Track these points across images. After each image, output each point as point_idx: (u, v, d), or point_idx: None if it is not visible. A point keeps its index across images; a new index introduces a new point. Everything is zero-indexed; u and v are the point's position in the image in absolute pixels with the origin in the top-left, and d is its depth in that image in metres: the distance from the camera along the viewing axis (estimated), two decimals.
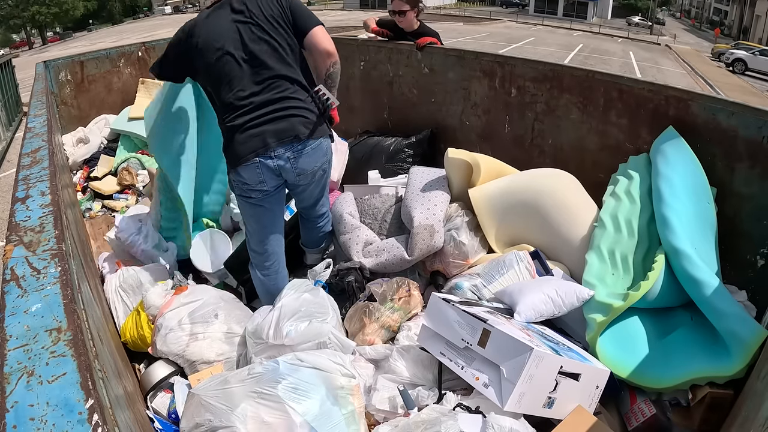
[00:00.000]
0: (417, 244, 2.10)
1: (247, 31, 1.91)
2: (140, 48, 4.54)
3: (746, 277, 1.89)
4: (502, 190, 2.21)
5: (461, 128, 3.19)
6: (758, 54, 21.55)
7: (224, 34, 1.91)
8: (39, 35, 46.61)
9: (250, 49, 1.89)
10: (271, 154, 1.88)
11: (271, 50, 1.91)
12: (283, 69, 1.92)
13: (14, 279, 0.93)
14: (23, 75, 9.28)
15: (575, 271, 2.01)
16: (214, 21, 1.94)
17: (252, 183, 1.92)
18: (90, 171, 3.88)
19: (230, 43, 1.90)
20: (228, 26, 1.91)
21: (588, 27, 38.07)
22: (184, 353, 1.82)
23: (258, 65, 1.90)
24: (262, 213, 2.03)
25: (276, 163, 1.90)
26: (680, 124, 2.08)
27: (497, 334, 1.42)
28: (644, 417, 1.58)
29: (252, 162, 1.88)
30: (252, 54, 1.89)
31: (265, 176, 1.91)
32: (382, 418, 1.58)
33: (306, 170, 1.97)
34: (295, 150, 1.91)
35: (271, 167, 1.90)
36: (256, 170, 1.89)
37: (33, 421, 0.65)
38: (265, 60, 1.90)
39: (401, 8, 3.26)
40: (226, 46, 1.89)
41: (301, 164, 1.94)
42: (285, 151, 1.90)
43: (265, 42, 1.91)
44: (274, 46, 1.92)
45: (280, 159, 1.89)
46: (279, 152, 1.89)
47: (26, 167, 1.47)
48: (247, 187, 1.93)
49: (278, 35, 1.93)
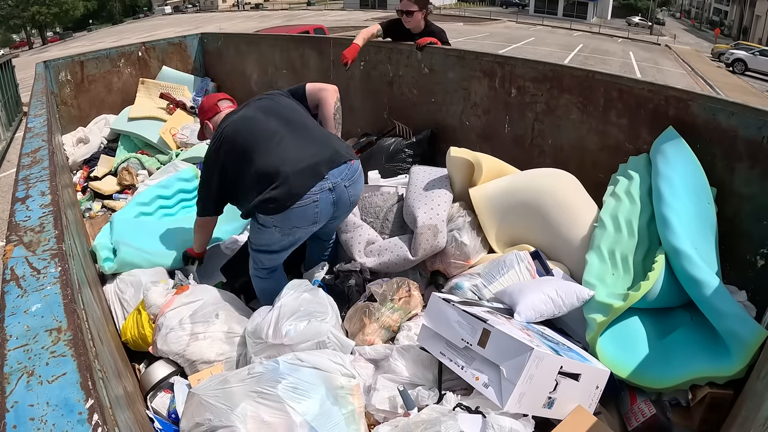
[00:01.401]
0: (421, 244, 2.09)
1: (262, 109, 2.07)
2: (140, 48, 4.55)
3: (746, 277, 1.89)
4: (502, 190, 2.21)
5: (461, 128, 3.19)
6: (758, 54, 21.54)
7: (250, 121, 2.03)
8: (39, 35, 46.60)
9: (275, 117, 2.02)
10: (328, 186, 1.84)
11: (280, 96, 2.15)
12: (295, 110, 2.09)
13: (14, 279, 0.93)
14: (23, 75, 9.28)
15: (575, 271, 2.01)
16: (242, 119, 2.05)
17: (303, 224, 1.87)
18: (90, 171, 3.88)
19: (262, 121, 2.01)
20: (251, 114, 2.05)
21: (588, 27, 38.07)
22: (185, 353, 1.82)
23: (284, 124, 2.00)
24: (292, 243, 2.00)
25: (334, 196, 1.87)
26: (680, 124, 2.08)
27: (497, 334, 1.42)
28: (644, 417, 1.58)
29: (307, 199, 1.81)
30: (281, 117, 2.02)
31: (320, 215, 1.87)
32: (382, 418, 1.58)
33: (355, 199, 2.00)
34: (348, 176, 1.91)
35: (330, 201, 1.86)
36: (314, 210, 1.83)
37: (33, 421, 0.65)
38: (277, 102, 2.10)
39: (409, 8, 3.22)
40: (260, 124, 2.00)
41: (353, 191, 1.96)
42: (340, 178, 1.88)
43: (282, 107, 2.08)
44: (290, 109, 2.09)
45: (337, 189, 1.87)
46: (335, 180, 1.86)
47: (26, 167, 1.47)
48: (296, 229, 1.89)
49: (288, 101, 2.14)
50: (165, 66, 4.67)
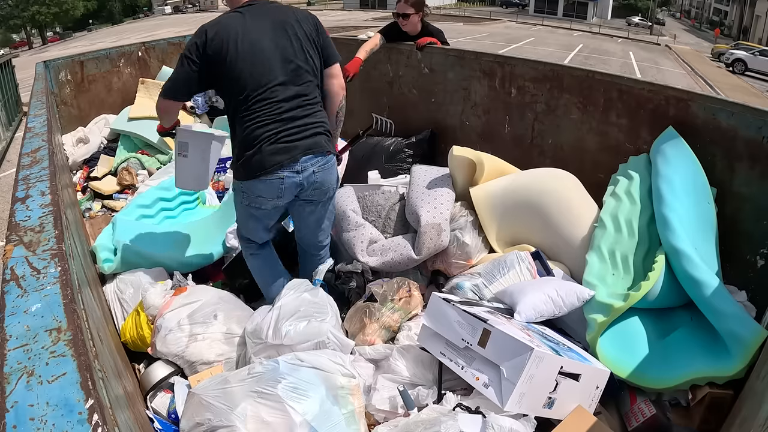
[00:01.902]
0: (425, 243, 2.09)
1: (288, 35, 1.88)
2: (140, 48, 4.54)
3: (746, 278, 1.89)
4: (503, 189, 2.21)
5: (461, 128, 3.19)
6: (758, 54, 21.54)
7: (264, 29, 1.86)
8: (39, 35, 46.61)
9: (289, 53, 1.87)
10: (297, 168, 1.86)
11: (306, 66, 1.91)
12: (309, 88, 1.92)
13: (14, 279, 0.93)
14: (23, 75, 9.27)
15: (576, 271, 2.01)
16: (250, 19, 1.87)
17: (268, 196, 1.90)
18: (90, 171, 3.88)
19: (269, 39, 1.85)
20: (268, 25, 1.87)
21: (588, 27, 38.07)
22: (184, 354, 1.81)
23: (293, 71, 1.87)
24: (263, 216, 2.02)
25: (301, 177, 1.88)
26: (680, 125, 2.08)
27: (497, 334, 1.42)
28: (644, 417, 1.58)
29: (275, 176, 1.84)
30: (288, 59, 1.86)
31: (285, 192, 1.89)
32: (382, 418, 1.58)
33: (324, 184, 1.97)
34: (319, 164, 1.91)
35: (295, 182, 1.88)
36: (278, 186, 1.86)
37: (33, 421, 0.65)
38: (300, 72, 1.89)
39: (405, 11, 3.21)
40: (262, 39, 1.84)
41: (321, 177, 1.94)
42: (310, 164, 1.89)
43: (303, 55, 1.90)
44: (307, 64, 1.91)
45: (305, 172, 1.88)
46: (305, 165, 1.87)
47: (26, 167, 1.47)
48: (262, 199, 1.91)
49: (314, 55, 1.94)
50: (165, 66, 4.65)
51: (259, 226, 2.07)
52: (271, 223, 2.09)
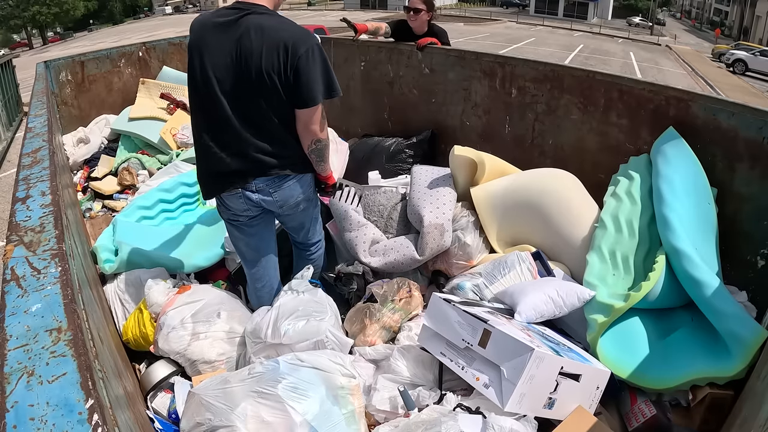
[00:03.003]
0: (428, 243, 2.09)
1: (242, 68, 1.68)
2: (141, 48, 4.54)
3: (747, 278, 1.89)
4: (504, 189, 2.21)
5: (462, 128, 3.19)
6: (758, 54, 21.52)
7: (223, 56, 1.68)
8: (39, 35, 46.60)
9: (237, 92, 1.71)
10: (252, 188, 1.83)
11: (257, 103, 1.72)
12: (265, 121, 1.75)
13: (14, 279, 0.93)
14: (24, 75, 9.28)
15: (576, 271, 2.01)
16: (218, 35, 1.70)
17: (238, 210, 1.89)
18: (90, 171, 3.88)
19: (223, 69, 1.69)
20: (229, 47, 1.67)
21: (588, 27, 38.07)
22: (186, 352, 1.82)
23: (242, 106, 1.72)
24: (250, 236, 2.00)
25: (257, 196, 1.85)
26: (681, 125, 2.08)
27: (498, 334, 1.42)
28: (644, 417, 1.58)
29: (235, 192, 1.84)
30: (238, 95, 1.71)
31: (249, 204, 1.88)
32: (383, 418, 1.58)
33: (287, 202, 1.90)
34: (275, 184, 1.84)
35: (253, 200, 1.85)
36: (239, 199, 1.86)
37: (33, 421, 0.65)
38: (249, 106, 1.72)
39: (417, 6, 3.26)
40: (217, 73, 1.69)
41: (279, 196, 1.87)
42: (265, 185, 1.83)
43: (256, 93, 1.71)
44: (260, 102, 1.72)
45: (260, 192, 1.85)
46: (259, 186, 1.83)
47: (27, 167, 1.47)
48: (233, 213, 1.91)
49: (268, 91, 1.70)
50: (165, 66, 4.66)
51: (249, 249, 2.05)
52: (259, 246, 2.04)
